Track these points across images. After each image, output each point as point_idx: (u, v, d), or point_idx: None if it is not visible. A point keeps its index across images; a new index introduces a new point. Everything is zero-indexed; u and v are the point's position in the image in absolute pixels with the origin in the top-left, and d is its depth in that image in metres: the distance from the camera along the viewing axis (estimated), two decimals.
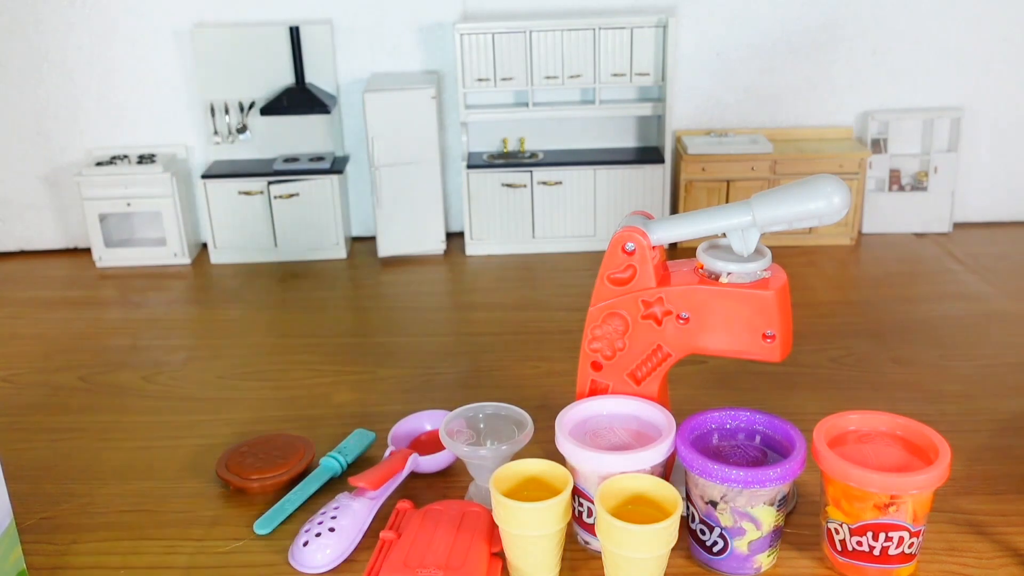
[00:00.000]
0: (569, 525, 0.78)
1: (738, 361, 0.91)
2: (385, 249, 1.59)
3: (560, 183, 1.60)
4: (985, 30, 1.60)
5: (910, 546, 0.74)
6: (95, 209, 1.58)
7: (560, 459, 0.79)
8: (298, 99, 1.57)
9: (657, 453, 0.76)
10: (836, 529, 0.75)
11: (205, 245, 1.68)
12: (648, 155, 1.62)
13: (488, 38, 1.53)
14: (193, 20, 1.59)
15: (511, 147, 1.66)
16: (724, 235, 0.79)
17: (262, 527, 0.86)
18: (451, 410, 0.90)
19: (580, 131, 1.66)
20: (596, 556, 0.80)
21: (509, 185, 1.60)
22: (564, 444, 0.78)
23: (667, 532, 0.71)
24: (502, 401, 0.91)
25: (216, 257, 1.62)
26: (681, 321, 0.80)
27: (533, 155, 1.63)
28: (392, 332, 1.32)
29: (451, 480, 0.93)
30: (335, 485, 0.92)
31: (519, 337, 1.27)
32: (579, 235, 1.62)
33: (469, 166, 1.59)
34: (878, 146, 1.64)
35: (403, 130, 1.53)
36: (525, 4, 1.59)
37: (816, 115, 1.66)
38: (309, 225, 1.61)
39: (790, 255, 1.54)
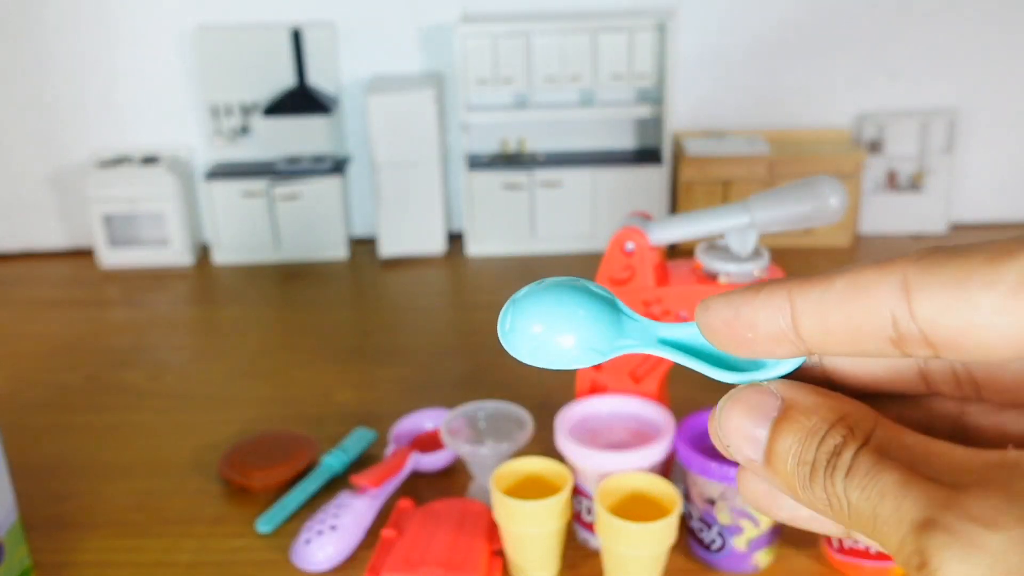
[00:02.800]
0: (569, 523, 0.79)
1: None
2: (386, 250, 1.60)
3: (560, 184, 1.61)
4: (981, 32, 1.61)
5: None
6: (99, 210, 1.59)
7: (560, 458, 0.79)
8: (300, 101, 1.57)
9: (656, 451, 0.77)
10: None
11: (208, 246, 1.68)
12: (647, 156, 1.62)
13: (488, 40, 1.53)
14: (196, 23, 1.60)
15: (512, 148, 1.67)
16: (723, 236, 0.80)
17: (265, 525, 0.86)
18: (452, 409, 0.90)
19: (580, 132, 1.67)
20: (596, 554, 0.81)
21: (510, 186, 1.60)
22: (564, 443, 0.78)
23: (666, 530, 0.71)
24: (502, 400, 0.92)
25: (219, 258, 1.62)
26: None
27: (533, 156, 1.64)
28: (393, 332, 1.33)
29: (452, 479, 0.94)
30: (337, 483, 0.93)
31: None
32: (579, 235, 1.63)
33: (470, 167, 1.60)
34: (874, 147, 1.65)
35: (404, 131, 1.54)
36: (525, 6, 1.60)
37: (813, 116, 1.67)
38: (311, 226, 1.62)
39: (788, 256, 1.54)
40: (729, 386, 0.24)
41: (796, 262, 1.53)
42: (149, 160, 1.62)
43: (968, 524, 0.19)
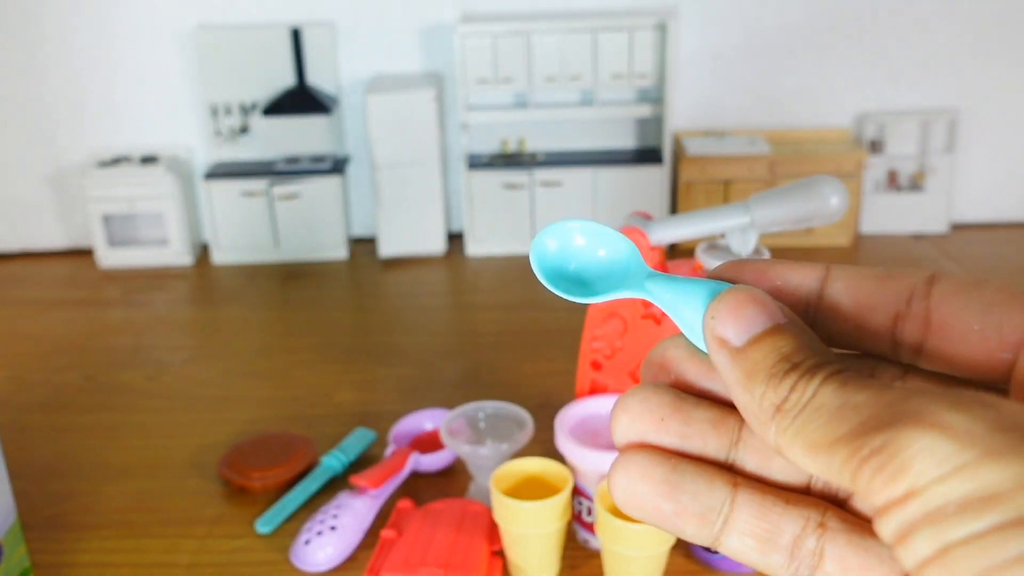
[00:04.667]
0: (569, 523, 0.79)
1: None
2: (386, 250, 1.60)
3: (560, 184, 1.60)
4: (981, 32, 1.61)
5: None
6: (98, 210, 1.59)
7: (560, 458, 0.79)
8: (300, 100, 1.57)
9: None
10: None
11: (207, 245, 1.68)
12: (647, 156, 1.62)
13: (489, 40, 1.53)
14: (196, 22, 1.60)
15: (511, 148, 1.67)
16: (723, 236, 0.79)
17: (264, 525, 0.86)
18: (451, 409, 0.90)
19: (580, 132, 1.67)
20: (596, 554, 0.80)
21: (510, 186, 1.60)
22: (564, 443, 0.78)
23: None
24: (502, 400, 0.91)
25: (218, 257, 1.62)
26: None
27: (533, 156, 1.64)
28: (393, 332, 1.32)
29: (452, 479, 0.93)
30: (336, 484, 0.93)
31: (519, 337, 1.27)
32: None
33: (470, 167, 1.60)
34: (875, 147, 1.65)
35: (404, 131, 1.54)
36: (525, 6, 1.60)
37: (814, 116, 1.67)
38: (310, 225, 1.62)
39: (789, 256, 1.54)
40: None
41: None
42: (148, 160, 1.61)
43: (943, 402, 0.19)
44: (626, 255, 0.26)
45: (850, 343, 0.25)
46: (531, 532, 0.75)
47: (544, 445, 0.90)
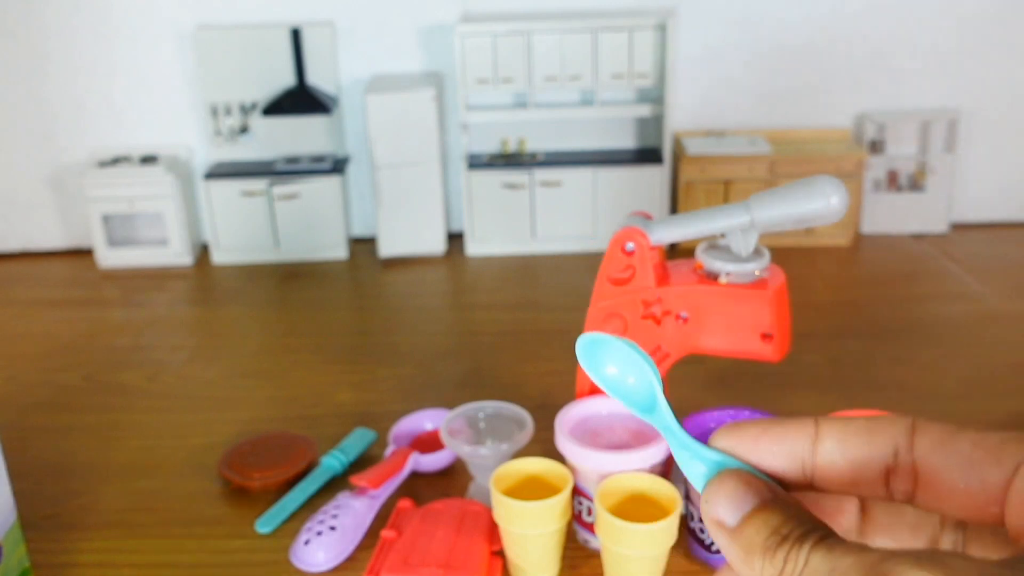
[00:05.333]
0: (569, 524, 0.79)
1: (737, 361, 0.91)
2: (386, 249, 1.60)
3: (560, 184, 1.60)
4: (982, 32, 1.60)
5: None
6: (98, 210, 1.59)
7: (560, 458, 0.79)
8: (299, 100, 1.57)
9: (656, 452, 0.77)
10: None
11: (207, 245, 1.68)
12: (647, 156, 1.62)
13: (488, 40, 1.53)
14: (195, 22, 1.59)
15: (511, 148, 1.66)
16: (723, 235, 0.79)
17: (264, 525, 0.86)
18: (451, 409, 0.90)
19: (580, 132, 1.67)
20: (596, 554, 0.80)
21: (509, 186, 1.60)
22: (564, 443, 0.78)
23: (666, 530, 0.71)
24: (502, 400, 0.91)
25: (218, 257, 1.62)
26: (680, 321, 0.80)
27: (533, 156, 1.64)
28: (393, 332, 1.32)
29: (452, 479, 0.93)
30: (336, 484, 0.93)
31: (519, 337, 1.27)
32: (579, 235, 1.63)
33: (470, 167, 1.60)
34: (875, 147, 1.65)
35: (404, 131, 1.54)
36: (525, 5, 1.60)
37: (814, 116, 1.67)
38: (310, 225, 1.61)
39: (789, 256, 1.54)
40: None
41: (797, 262, 1.53)
42: (148, 160, 1.61)
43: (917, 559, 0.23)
44: (650, 388, 0.31)
45: (849, 492, 0.28)
46: (531, 532, 0.75)
47: (544, 445, 0.90)
